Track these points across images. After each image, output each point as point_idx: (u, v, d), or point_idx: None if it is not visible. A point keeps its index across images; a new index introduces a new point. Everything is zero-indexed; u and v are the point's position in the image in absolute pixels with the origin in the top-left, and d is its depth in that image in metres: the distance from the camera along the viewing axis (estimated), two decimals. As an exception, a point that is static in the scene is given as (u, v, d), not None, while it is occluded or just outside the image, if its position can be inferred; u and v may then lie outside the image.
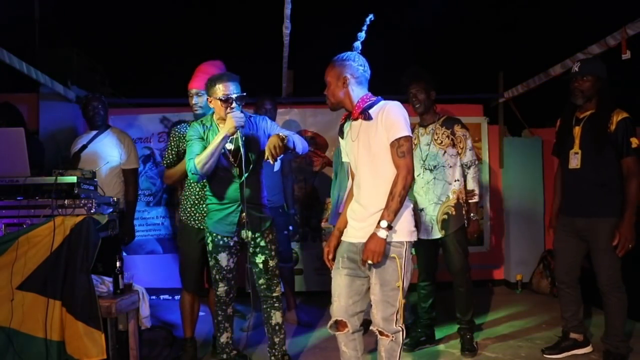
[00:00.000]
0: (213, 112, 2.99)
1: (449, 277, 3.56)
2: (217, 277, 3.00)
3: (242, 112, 2.82)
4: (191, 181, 3.21)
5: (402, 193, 2.29)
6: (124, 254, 4.59)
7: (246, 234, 2.96)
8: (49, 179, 2.62)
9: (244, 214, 2.91)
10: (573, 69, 3.21)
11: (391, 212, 2.27)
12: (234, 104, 2.79)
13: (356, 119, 2.46)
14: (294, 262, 4.86)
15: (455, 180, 3.45)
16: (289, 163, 4.31)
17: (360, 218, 2.44)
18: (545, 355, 3.40)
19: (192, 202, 3.21)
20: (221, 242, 2.96)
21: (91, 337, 2.48)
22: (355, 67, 2.43)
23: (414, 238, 2.42)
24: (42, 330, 2.45)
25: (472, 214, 3.48)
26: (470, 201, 3.48)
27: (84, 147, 3.83)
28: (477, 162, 3.51)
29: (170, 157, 3.25)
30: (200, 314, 3.46)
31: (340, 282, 2.47)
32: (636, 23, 3.46)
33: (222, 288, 3.01)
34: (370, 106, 2.42)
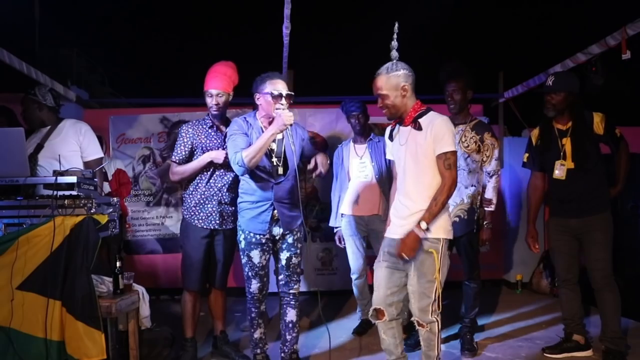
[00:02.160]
0: (256, 112, 3.06)
1: (448, 277, 3.55)
2: (250, 274, 3.06)
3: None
4: (197, 180, 3.21)
5: (445, 201, 2.52)
6: (124, 254, 4.58)
7: (278, 230, 3.07)
8: (49, 179, 2.62)
9: (275, 211, 3.02)
10: (547, 82, 3.29)
11: (431, 215, 2.50)
12: (283, 101, 2.87)
13: (406, 126, 2.60)
14: None
15: (471, 185, 3.44)
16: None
17: (402, 216, 2.63)
18: (545, 355, 3.40)
19: (196, 201, 3.21)
20: (254, 240, 3.03)
21: (91, 337, 2.48)
22: (408, 75, 2.57)
23: (450, 236, 2.61)
24: (42, 330, 2.45)
25: (486, 222, 3.50)
26: (486, 209, 3.50)
27: (40, 146, 3.36)
28: (500, 172, 3.53)
29: (183, 153, 3.22)
30: (200, 313, 3.46)
31: (380, 274, 2.67)
32: (636, 23, 3.46)
33: (255, 285, 3.06)
34: (421, 115, 2.57)
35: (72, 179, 2.60)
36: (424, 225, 2.49)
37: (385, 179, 3.82)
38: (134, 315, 2.86)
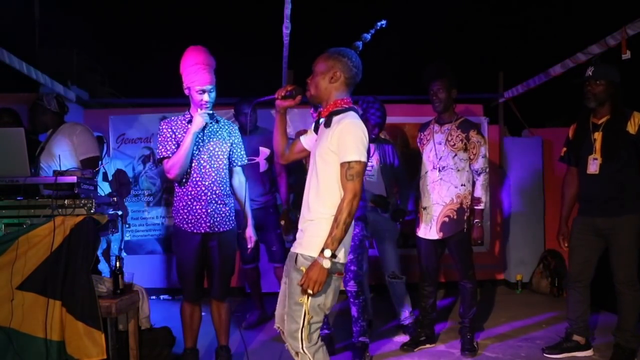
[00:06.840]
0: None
1: (449, 277, 3.56)
2: None
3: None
4: (183, 180, 2.99)
5: (348, 220, 2.11)
6: (124, 254, 4.59)
7: None
8: (49, 179, 2.62)
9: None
10: (587, 72, 3.21)
11: (335, 241, 2.10)
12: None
13: (322, 118, 2.32)
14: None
15: (461, 185, 3.42)
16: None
17: (300, 223, 2.32)
18: (545, 355, 3.40)
19: (184, 203, 3.00)
20: None
21: (91, 337, 2.48)
22: (349, 66, 2.27)
23: (339, 260, 2.19)
24: (42, 330, 2.45)
25: (476, 220, 3.47)
26: (475, 208, 3.45)
27: (42, 148, 3.41)
28: (487, 170, 3.46)
29: (172, 145, 2.98)
30: (202, 313, 3.43)
31: (281, 290, 2.36)
32: (636, 23, 3.47)
33: None
34: (337, 113, 2.23)
35: (72, 179, 2.60)
36: (327, 253, 2.07)
37: (391, 180, 3.84)
38: (134, 315, 2.86)
